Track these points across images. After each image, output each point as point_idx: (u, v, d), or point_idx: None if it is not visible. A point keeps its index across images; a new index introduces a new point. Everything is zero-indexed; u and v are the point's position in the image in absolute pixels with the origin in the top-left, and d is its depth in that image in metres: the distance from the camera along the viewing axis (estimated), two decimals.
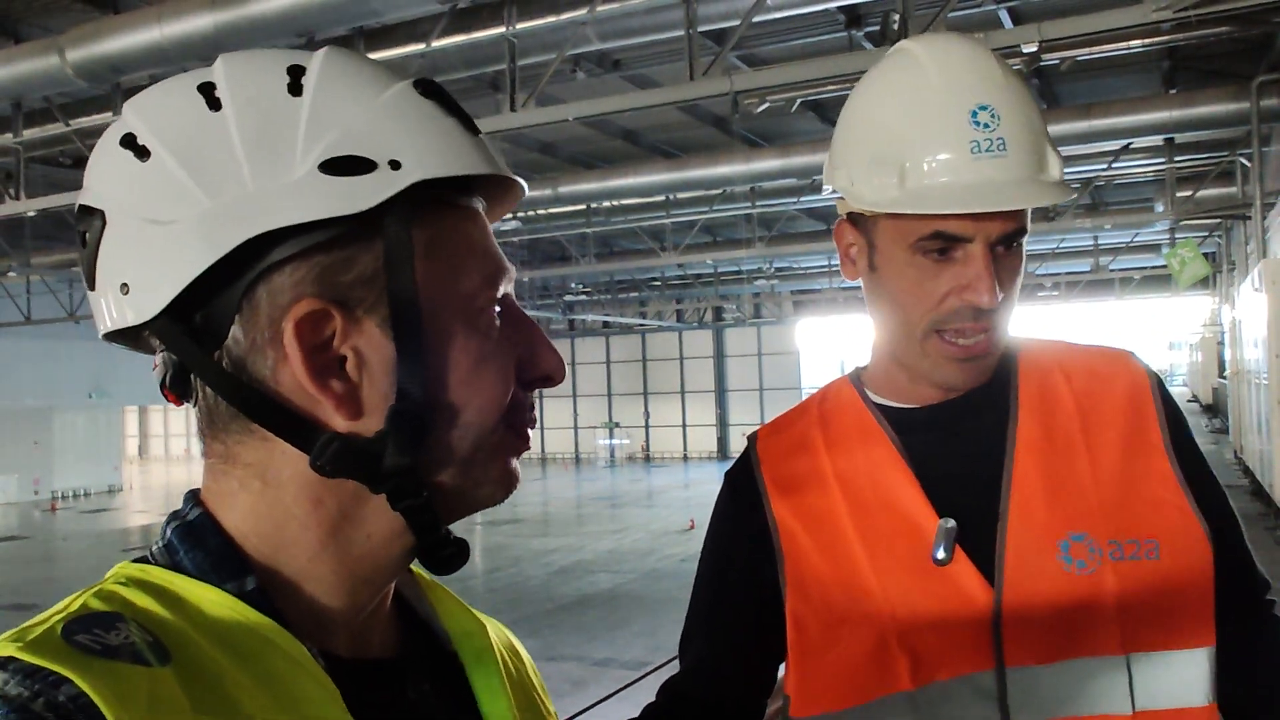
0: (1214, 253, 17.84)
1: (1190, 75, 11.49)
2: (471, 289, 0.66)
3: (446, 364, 0.64)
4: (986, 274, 1.05)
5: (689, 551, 13.04)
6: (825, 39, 9.89)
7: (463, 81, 10.43)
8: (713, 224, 18.40)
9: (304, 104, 0.62)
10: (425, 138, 0.64)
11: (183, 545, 0.63)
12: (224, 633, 0.58)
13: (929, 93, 1.09)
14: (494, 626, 0.80)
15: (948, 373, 1.12)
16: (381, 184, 0.61)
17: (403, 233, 0.62)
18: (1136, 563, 1.07)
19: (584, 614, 9.76)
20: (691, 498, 20.03)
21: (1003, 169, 1.06)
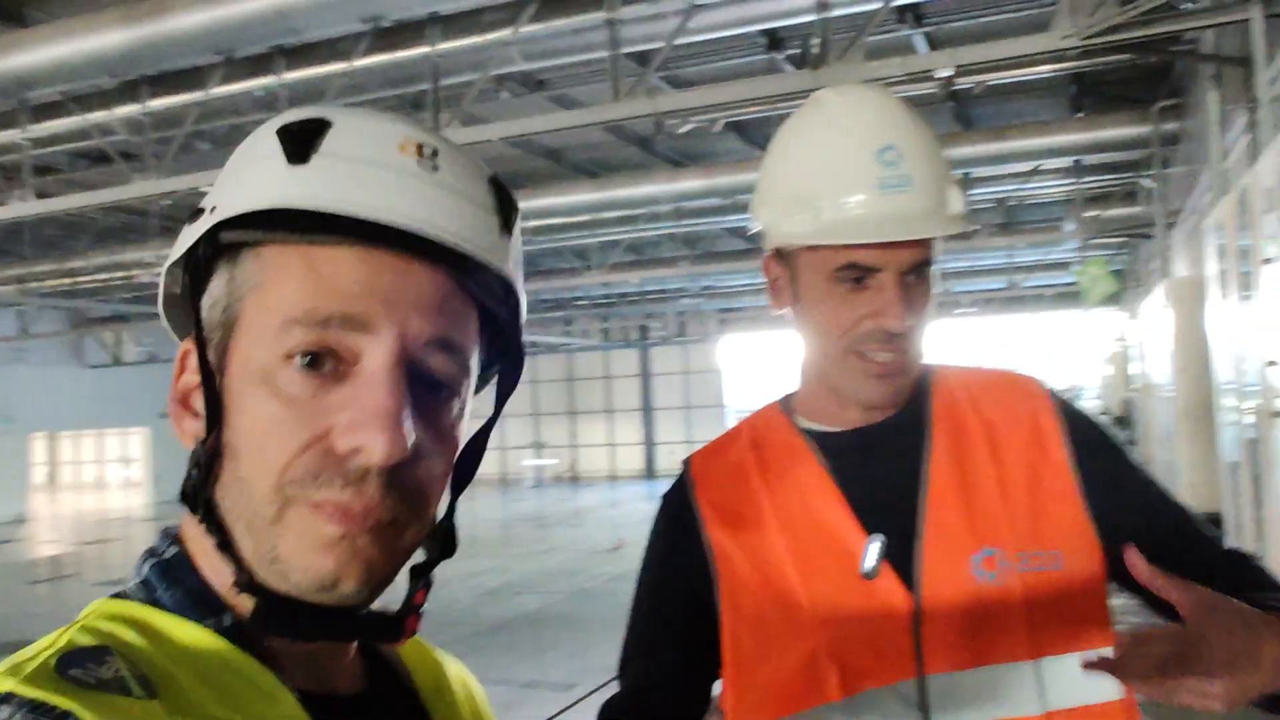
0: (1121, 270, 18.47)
1: (1096, 100, 11.92)
2: (262, 335, 0.62)
3: (236, 408, 0.63)
4: (896, 301, 1.15)
5: (617, 571, 13.02)
6: (747, 61, 10.05)
7: (386, 100, 10.35)
8: (638, 243, 18.49)
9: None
10: (243, 177, 0.64)
11: (161, 582, 0.64)
12: (205, 667, 0.59)
13: (840, 135, 1.19)
14: (451, 663, 0.81)
15: (867, 390, 1.20)
16: (198, 228, 0.65)
17: (185, 276, 0.67)
18: (1041, 573, 1.15)
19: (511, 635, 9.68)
20: (619, 517, 20.01)
21: (907, 203, 1.15)
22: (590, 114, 8.39)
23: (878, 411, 1.23)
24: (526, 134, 8.92)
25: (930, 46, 9.56)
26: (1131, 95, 11.06)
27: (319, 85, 8.91)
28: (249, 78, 8.77)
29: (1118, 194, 14.17)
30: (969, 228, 1.20)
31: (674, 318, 28.49)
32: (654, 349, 31.70)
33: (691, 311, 27.11)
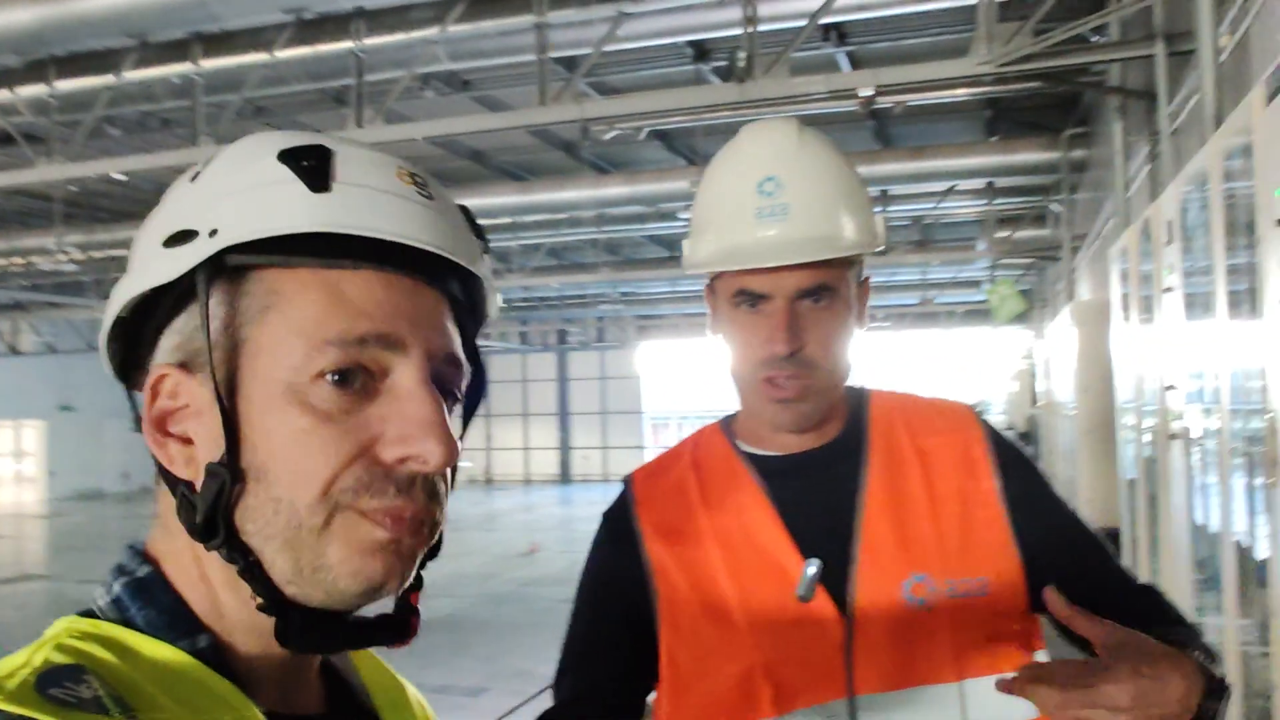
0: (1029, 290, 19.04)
1: (1009, 125, 12.28)
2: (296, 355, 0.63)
3: (263, 428, 0.63)
4: (780, 326, 1.18)
5: (531, 575, 12.95)
6: (674, 71, 10.11)
7: (308, 94, 10.17)
8: (559, 247, 18.46)
9: (194, 189, 0.68)
10: (251, 202, 0.64)
11: (134, 602, 0.64)
12: (180, 689, 0.59)
13: (732, 168, 1.26)
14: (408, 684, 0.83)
15: (771, 415, 1.24)
16: (193, 251, 0.64)
17: (204, 295, 0.64)
18: (968, 599, 1.20)
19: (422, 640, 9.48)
20: (534, 521, 19.92)
21: (783, 231, 1.19)
22: (517, 117, 8.37)
23: (811, 436, 1.26)
24: (452, 134, 8.85)
25: (853, 66, 9.75)
26: (1043, 122, 11.43)
27: (238, 75, 8.70)
28: (164, 64, 8.52)
29: (1027, 216, 14.61)
30: (851, 253, 1.22)
31: (593, 323, 28.50)
32: (572, 354, 31.65)
33: (611, 317, 27.15)
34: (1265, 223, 2.59)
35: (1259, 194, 2.68)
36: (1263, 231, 2.65)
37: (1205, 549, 3.98)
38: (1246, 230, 3.00)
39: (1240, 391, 3.26)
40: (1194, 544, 4.14)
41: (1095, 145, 10.21)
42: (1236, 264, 3.22)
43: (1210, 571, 3.89)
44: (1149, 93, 6.70)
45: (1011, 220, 14.85)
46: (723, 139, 1.40)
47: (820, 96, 7.36)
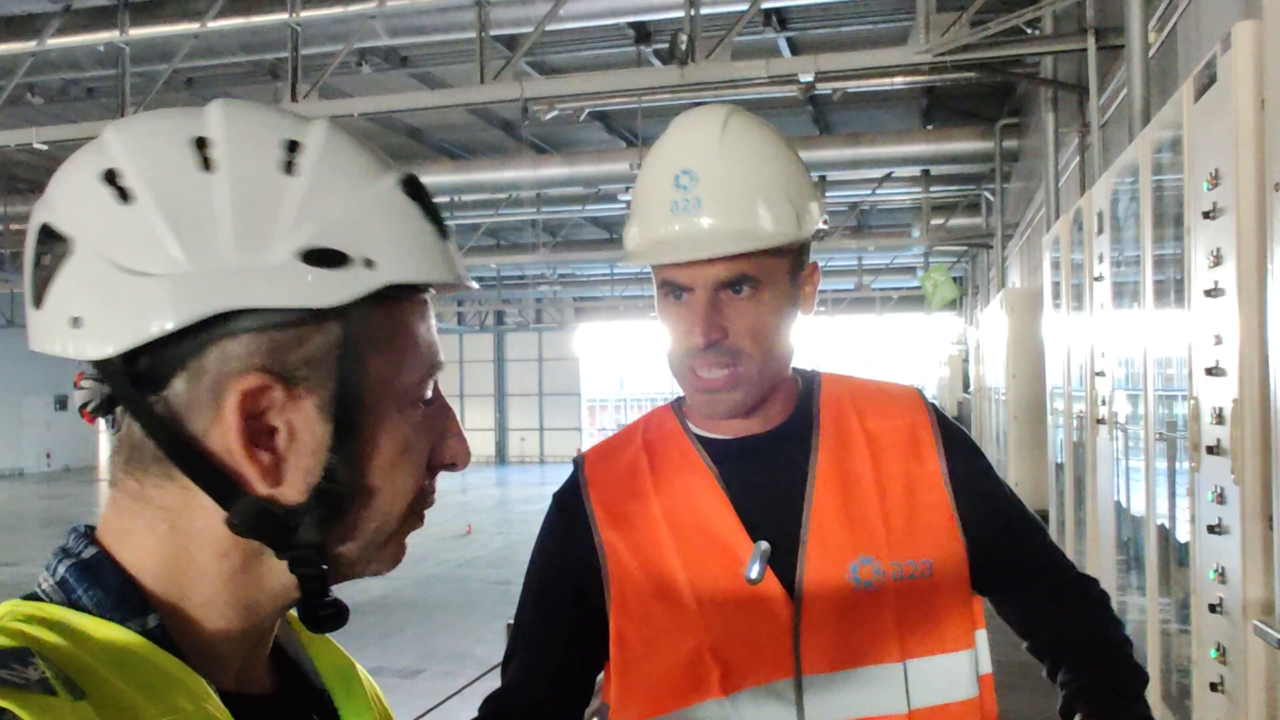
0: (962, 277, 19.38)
1: (945, 114, 12.47)
2: (410, 383, 0.68)
3: (373, 451, 0.66)
4: (698, 318, 1.19)
5: (465, 557, 12.90)
6: (615, 52, 10.08)
7: (240, 67, 9.94)
8: (497, 228, 18.32)
9: (295, 187, 0.63)
10: (401, 240, 0.66)
11: (80, 583, 0.63)
12: (130, 668, 0.58)
13: (654, 162, 1.26)
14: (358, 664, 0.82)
15: (701, 404, 1.26)
16: (354, 281, 0.63)
17: (364, 327, 0.64)
18: (914, 581, 1.22)
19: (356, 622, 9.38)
20: (469, 502, 19.82)
21: (696, 224, 1.20)
22: (456, 95, 8.27)
23: (759, 420, 1.27)
24: (389, 111, 8.72)
25: (793, 51, 9.80)
26: (977, 112, 11.62)
27: (167, 46, 8.47)
28: (89, 31, 8.27)
29: (961, 205, 14.86)
30: (766, 245, 1.20)
31: (531, 304, 28.38)
32: (509, 335, 31.50)
33: (549, 299, 27.05)
34: (1194, 214, 2.67)
35: (1188, 187, 2.76)
36: (1190, 223, 2.73)
37: (1129, 531, 4.11)
38: (1174, 222, 3.09)
39: (1164, 378, 3.36)
40: (1118, 526, 4.27)
41: (1027, 136, 10.41)
42: (1163, 254, 3.31)
43: (1133, 553, 4.02)
44: (1080, 85, 6.85)
45: (946, 208, 15.09)
46: (663, 122, 1.39)
47: (760, 81, 7.39)
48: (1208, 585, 2.62)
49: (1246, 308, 2.33)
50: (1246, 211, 2.31)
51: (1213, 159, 2.52)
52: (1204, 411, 2.61)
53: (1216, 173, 2.48)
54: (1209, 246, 2.54)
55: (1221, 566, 2.54)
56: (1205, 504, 2.61)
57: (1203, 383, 2.62)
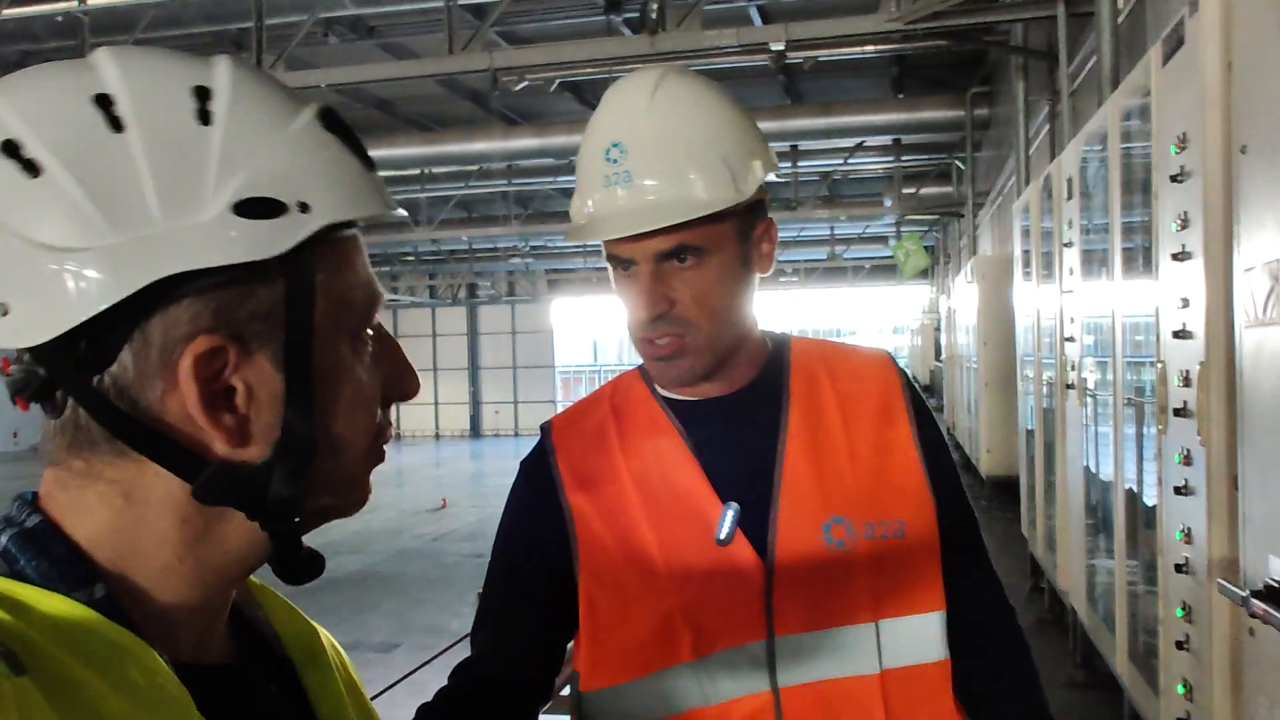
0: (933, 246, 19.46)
1: (916, 83, 12.46)
2: (357, 321, 0.67)
3: (333, 397, 0.65)
4: (643, 291, 1.19)
5: (440, 530, 12.89)
6: (585, 21, 9.98)
7: (202, 37, 9.76)
8: (469, 200, 18.19)
9: (214, 136, 0.60)
10: (331, 178, 0.63)
11: (23, 554, 0.60)
12: (76, 641, 0.56)
13: (590, 133, 1.24)
14: (322, 630, 0.80)
15: (657, 372, 1.25)
16: (291, 228, 0.60)
17: (308, 274, 0.62)
18: (885, 541, 1.22)
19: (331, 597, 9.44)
20: (443, 476, 19.81)
21: (628, 198, 1.18)
22: (425, 65, 8.17)
23: (725, 382, 1.27)
24: (357, 82, 8.61)
25: (764, 20, 9.74)
26: (947, 80, 11.62)
27: (127, 15, 8.31)
28: (46, 1, 8.09)
29: (932, 173, 14.90)
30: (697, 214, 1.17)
31: (504, 277, 28.24)
32: (482, 308, 31.37)
33: (521, 271, 26.93)
34: (1161, 178, 2.68)
35: (1156, 150, 2.77)
36: (1158, 187, 2.74)
37: (1097, 495, 4.16)
38: (1142, 188, 3.10)
39: (1133, 345, 3.39)
40: (1087, 490, 4.32)
41: (998, 104, 10.43)
42: (1132, 221, 3.33)
43: (1102, 516, 4.07)
44: (1050, 53, 6.85)
45: (917, 177, 15.12)
46: None
47: (731, 50, 7.35)
48: (1174, 546, 2.66)
49: (1213, 270, 2.35)
50: (1213, 175, 2.32)
51: (1180, 122, 2.53)
52: (1171, 374, 2.64)
53: (1184, 136, 2.49)
54: (1176, 210, 2.56)
55: (1188, 527, 2.57)
56: (1172, 466, 2.65)
57: (1170, 345, 2.65)
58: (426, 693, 1.31)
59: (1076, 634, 4.86)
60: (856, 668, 1.19)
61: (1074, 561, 4.57)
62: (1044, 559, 5.67)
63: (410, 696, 1.29)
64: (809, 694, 1.18)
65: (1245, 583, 2.08)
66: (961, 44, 8.50)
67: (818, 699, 1.18)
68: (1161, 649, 2.88)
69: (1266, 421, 2.01)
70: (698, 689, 1.18)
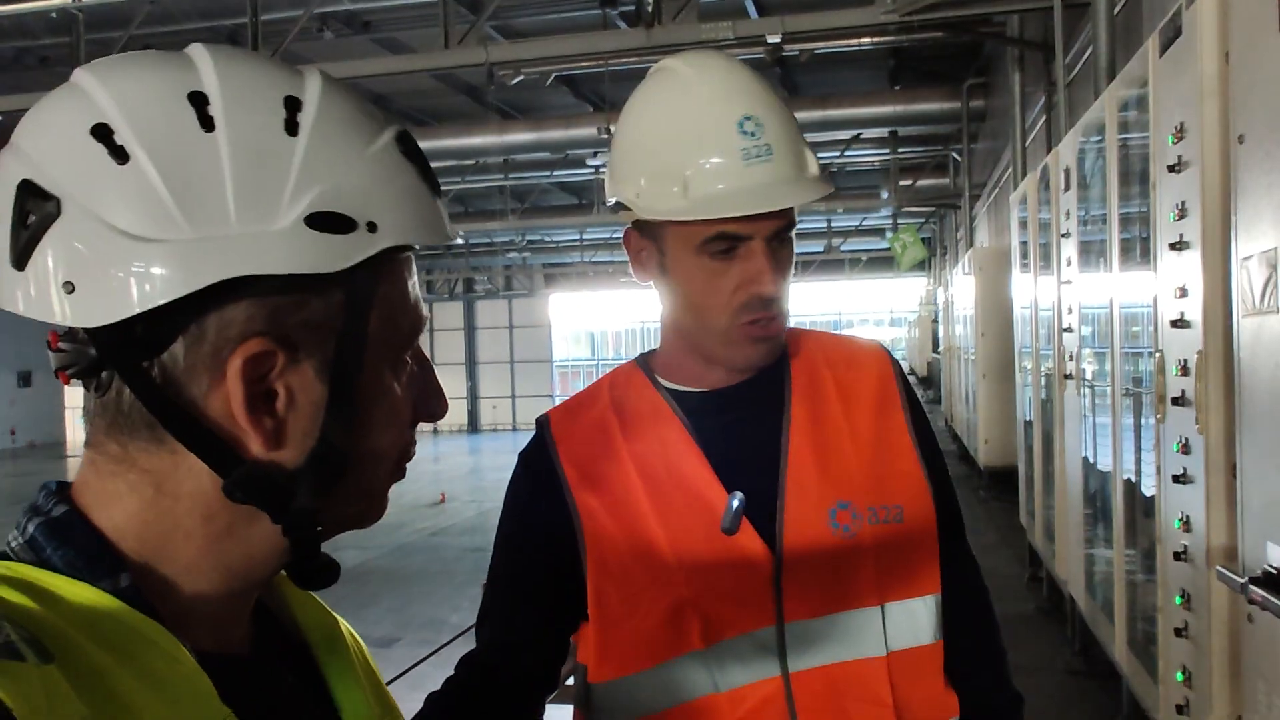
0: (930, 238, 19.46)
1: (912, 75, 12.46)
2: (402, 341, 0.68)
3: (370, 412, 0.66)
4: (769, 267, 1.18)
5: (439, 525, 12.90)
6: (580, 15, 9.97)
7: (198, 34, 9.74)
8: (465, 194, 18.18)
9: (298, 147, 0.61)
10: (401, 202, 0.65)
11: (49, 542, 0.61)
12: (101, 630, 0.56)
13: (698, 107, 1.21)
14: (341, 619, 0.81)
15: (749, 354, 1.24)
16: (358, 245, 0.62)
17: (368, 291, 0.64)
18: (887, 525, 1.24)
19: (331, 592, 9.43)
20: (442, 471, 19.80)
21: (771, 172, 1.18)
22: (420, 60, 8.15)
23: (743, 372, 1.27)
24: (352, 77, 8.58)
25: (760, 12, 9.73)
26: (944, 72, 11.62)
27: (121, 11, 8.29)
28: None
29: (929, 165, 14.90)
30: (827, 190, 1.24)
31: (500, 271, 28.22)
32: (479, 302, 31.35)
33: (518, 265, 26.91)
34: (1159, 168, 2.69)
35: (1154, 141, 2.77)
36: (1156, 177, 2.75)
37: (1096, 484, 4.17)
38: (1140, 179, 3.11)
39: (1131, 336, 3.40)
40: (1086, 480, 4.33)
41: (994, 96, 10.43)
42: (1129, 212, 3.33)
43: (1100, 505, 4.08)
44: (1046, 44, 6.86)
45: (914, 169, 15.12)
46: (630, 85, 1.35)
47: (728, 42, 7.34)
48: (1173, 534, 2.67)
49: (1210, 260, 2.35)
50: (1211, 164, 2.33)
51: (1178, 113, 2.53)
52: (1169, 363, 2.65)
53: (1181, 126, 2.50)
54: (1174, 200, 2.56)
55: (1186, 515, 2.58)
56: (1170, 454, 2.65)
57: (1168, 335, 2.66)
58: (426, 687, 1.31)
59: (1075, 623, 4.87)
60: (864, 650, 1.21)
61: (1072, 551, 4.59)
62: (1042, 548, 5.69)
63: (410, 690, 1.29)
64: (819, 678, 1.19)
65: (1244, 569, 2.09)
66: (958, 36, 8.50)
67: (827, 682, 1.19)
68: (1160, 637, 2.90)
69: (1264, 409, 2.02)
70: (708, 677, 1.19)
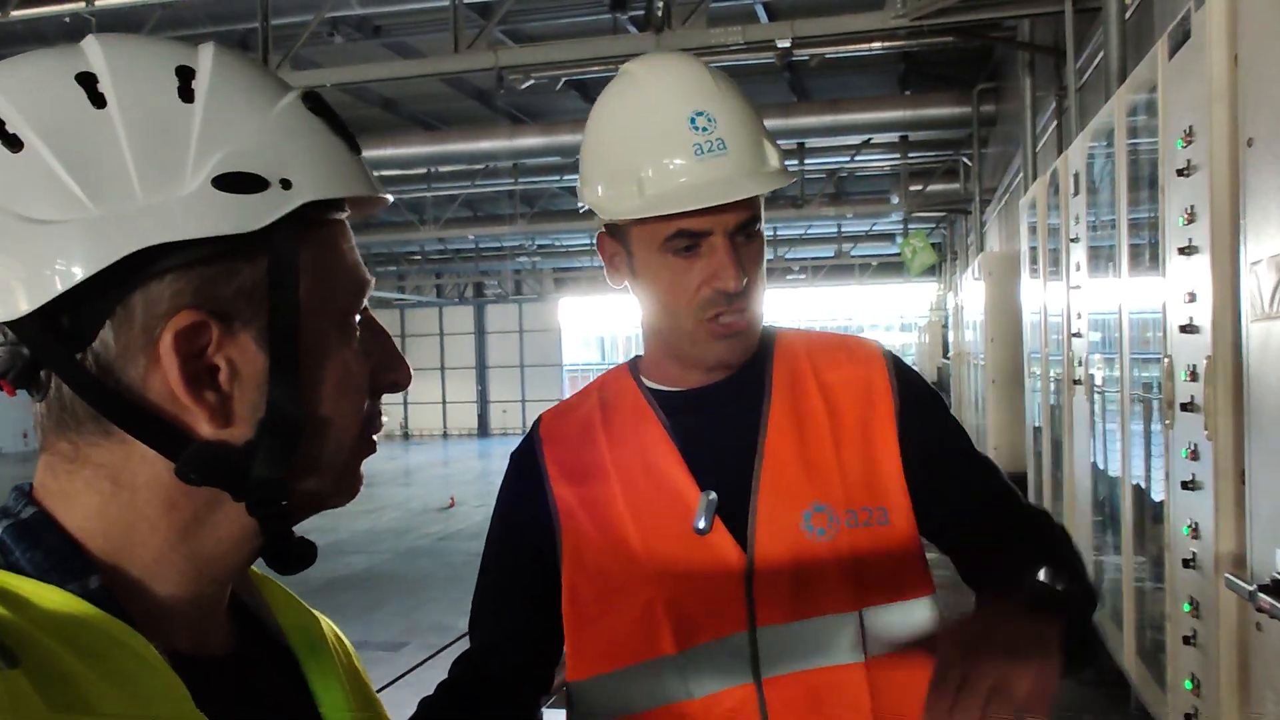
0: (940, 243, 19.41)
1: (922, 79, 12.43)
2: (343, 304, 0.67)
3: (318, 378, 0.65)
4: (730, 262, 1.17)
5: (448, 530, 12.91)
6: (590, 20, 9.97)
7: (208, 38, 9.77)
8: (474, 199, 18.20)
9: (195, 112, 0.60)
10: (314, 157, 0.64)
11: (18, 545, 0.60)
12: (70, 633, 0.55)
13: (650, 106, 1.21)
14: (320, 618, 0.80)
15: (717, 351, 1.23)
16: (273, 203, 0.61)
17: (290, 251, 0.62)
18: (869, 529, 1.21)
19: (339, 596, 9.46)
20: (451, 475, 19.82)
21: (725, 165, 1.18)
22: (430, 64, 8.18)
23: (719, 372, 1.26)
24: (362, 81, 8.62)
25: (770, 17, 9.72)
26: (954, 77, 11.58)
27: (133, 16, 8.33)
28: (54, 2, 8.11)
29: (939, 170, 14.86)
30: (788, 181, 1.23)
31: (510, 275, 28.25)
32: (489, 306, 31.39)
33: (528, 270, 26.94)
34: (1168, 172, 2.67)
35: (1163, 144, 2.76)
36: (1165, 181, 2.73)
37: (1105, 491, 4.14)
38: (1149, 184, 3.09)
39: (1140, 341, 3.38)
40: (1095, 486, 4.31)
41: (1005, 100, 10.39)
42: (1139, 217, 3.32)
43: (1109, 512, 4.06)
44: (1057, 48, 6.83)
45: (924, 174, 15.08)
46: None
47: (738, 47, 7.34)
48: (1181, 541, 2.65)
49: (1219, 264, 2.34)
50: (1220, 168, 2.31)
51: (1187, 116, 2.52)
52: (1178, 369, 2.63)
53: (1190, 129, 2.48)
54: (1183, 204, 2.55)
55: (1195, 522, 2.56)
56: (1179, 460, 2.64)
57: (1177, 340, 2.64)
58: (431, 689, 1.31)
59: None
60: (840, 657, 1.17)
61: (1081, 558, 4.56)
62: None
63: (416, 694, 1.29)
64: (793, 685, 1.16)
65: (1252, 577, 2.07)
66: (968, 40, 8.48)
67: (803, 690, 1.16)
68: (1169, 644, 2.87)
69: (1273, 415, 2.00)
70: (681, 683, 1.17)
